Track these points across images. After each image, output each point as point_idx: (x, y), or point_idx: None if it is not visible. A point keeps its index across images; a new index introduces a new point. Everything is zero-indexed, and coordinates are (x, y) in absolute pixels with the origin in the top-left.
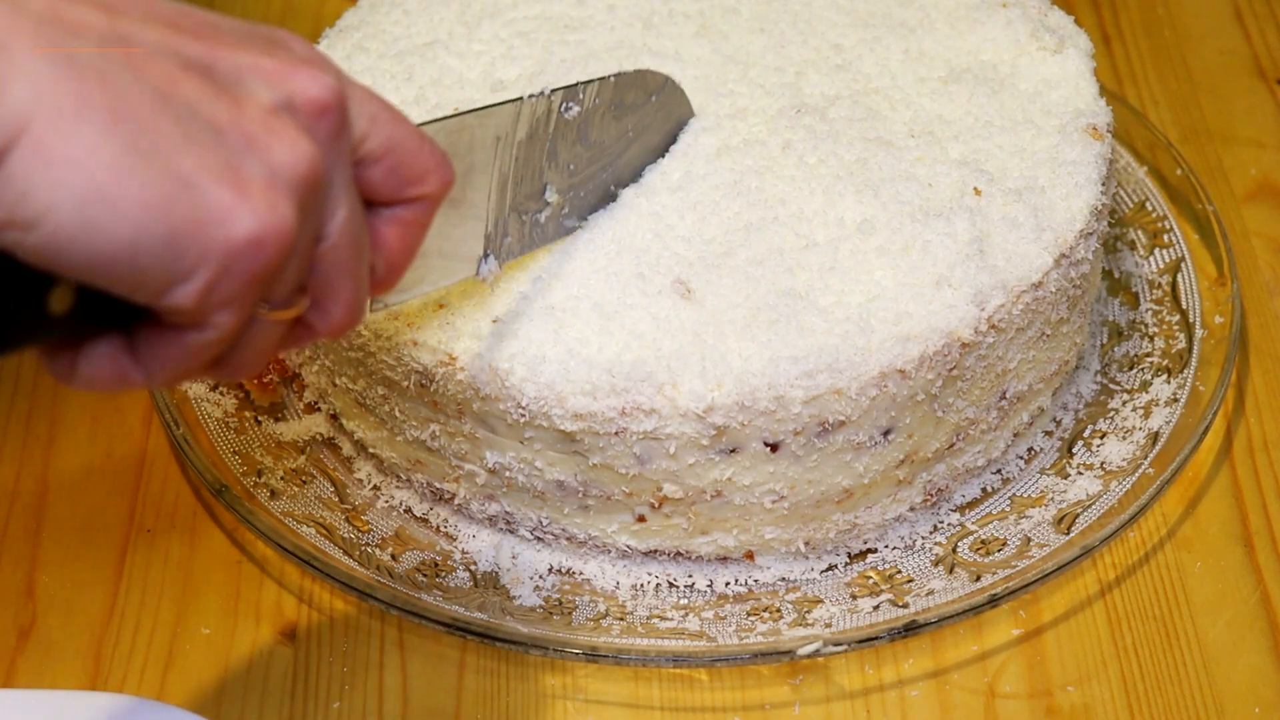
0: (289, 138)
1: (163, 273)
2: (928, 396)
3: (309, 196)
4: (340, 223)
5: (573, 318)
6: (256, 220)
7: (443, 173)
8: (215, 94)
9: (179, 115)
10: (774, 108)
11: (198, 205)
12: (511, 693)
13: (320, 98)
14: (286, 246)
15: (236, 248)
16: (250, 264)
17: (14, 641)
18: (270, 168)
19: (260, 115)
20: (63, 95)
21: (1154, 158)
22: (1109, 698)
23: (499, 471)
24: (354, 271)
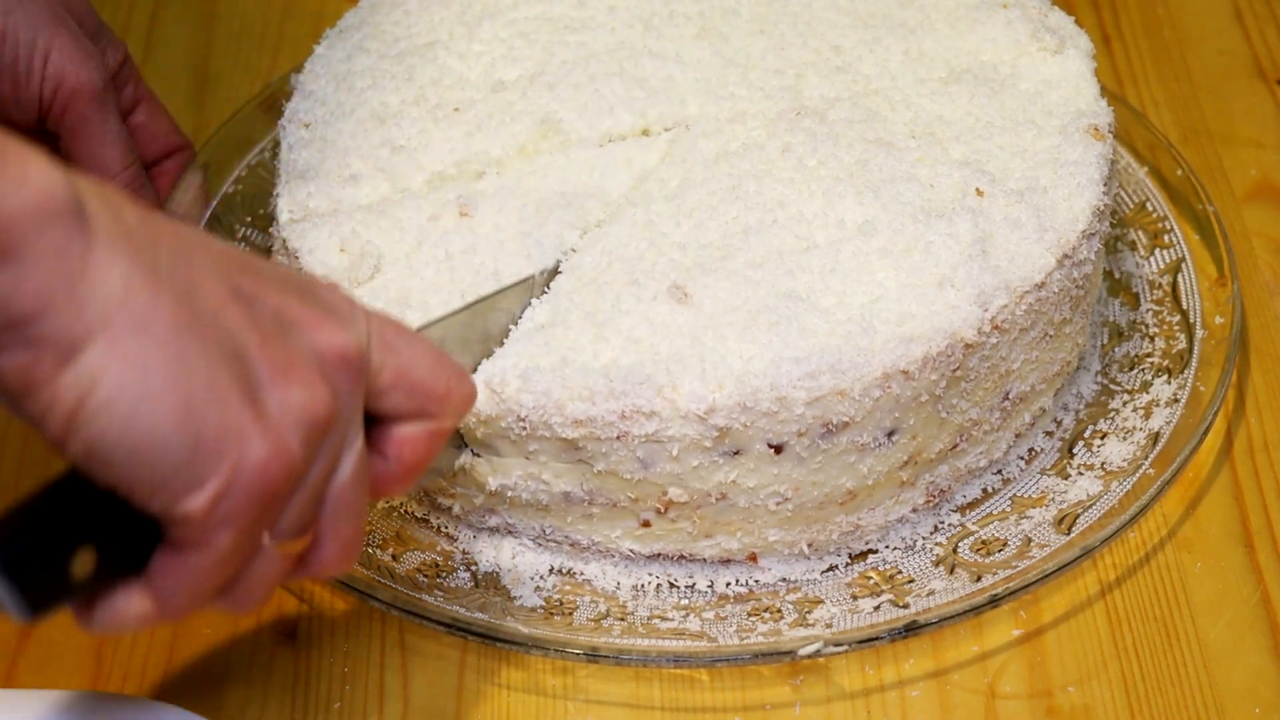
0: (308, 381)
1: (182, 476)
2: (931, 397)
3: (318, 437)
4: (347, 468)
5: (563, 329)
6: (266, 446)
7: (461, 391)
8: (252, 325)
9: (222, 336)
10: (773, 110)
11: (224, 419)
12: (511, 693)
13: (343, 350)
14: (290, 477)
15: (246, 467)
16: (254, 485)
17: (14, 641)
18: (286, 404)
19: (286, 355)
20: (142, 299)
21: (1154, 158)
22: (1109, 698)
23: (500, 493)
24: (354, 510)
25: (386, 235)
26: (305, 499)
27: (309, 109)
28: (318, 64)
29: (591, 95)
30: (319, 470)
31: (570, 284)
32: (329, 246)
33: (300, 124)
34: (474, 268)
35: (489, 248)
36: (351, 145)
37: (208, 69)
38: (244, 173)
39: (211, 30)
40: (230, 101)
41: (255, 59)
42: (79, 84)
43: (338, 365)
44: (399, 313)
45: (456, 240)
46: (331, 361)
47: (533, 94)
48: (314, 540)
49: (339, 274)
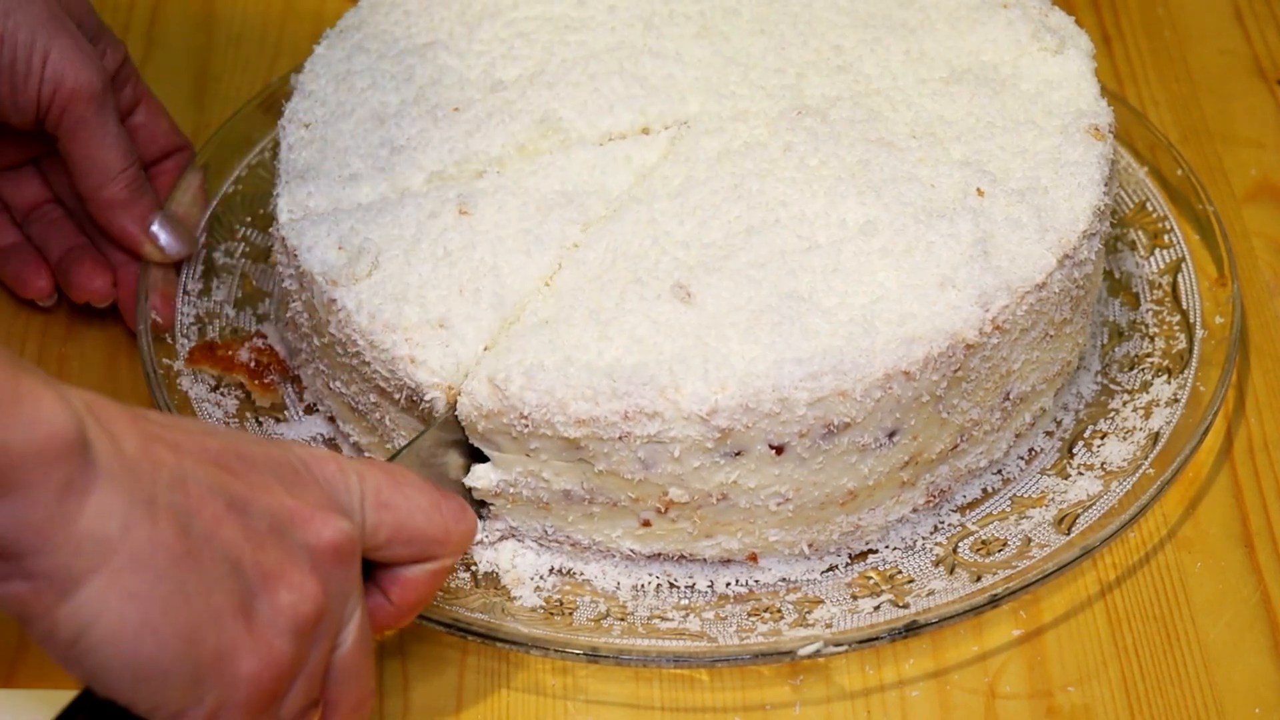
0: (296, 582)
1: (181, 697)
2: (932, 398)
3: (308, 632)
4: (346, 642)
5: (567, 326)
6: (257, 658)
7: (460, 529)
8: (246, 536)
9: (218, 555)
10: (775, 109)
11: (219, 640)
12: (512, 693)
13: (333, 542)
14: (282, 678)
15: (239, 680)
16: (248, 693)
17: (14, 641)
18: (275, 609)
19: (278, 559)
20: (141, 534)
21: (1154, 158)
22: (1109, 698)
23: (502, 491)
24: (361, 672)
25: (384, 232)
26: (304, 685)
27: (309, 109)
28: (317, 64)
29: (591, 94)
30: (317, 656)
31: (574, 279)
32: (327, 244)
33: (300, 124)
34: (473, 264)
35: (488, 244)
36: (351, 145)
37: (208, 69)
38: (244, 173)
39: (211, 30)
40: (230, 101)
41: (255, 59)
42: (78, 86)
43: (329, 558)
44: (395, 309)
45: (455, 237)
46: (323, 555)
47: (532, 93)
48: (325, 706)
49: (337, 270)
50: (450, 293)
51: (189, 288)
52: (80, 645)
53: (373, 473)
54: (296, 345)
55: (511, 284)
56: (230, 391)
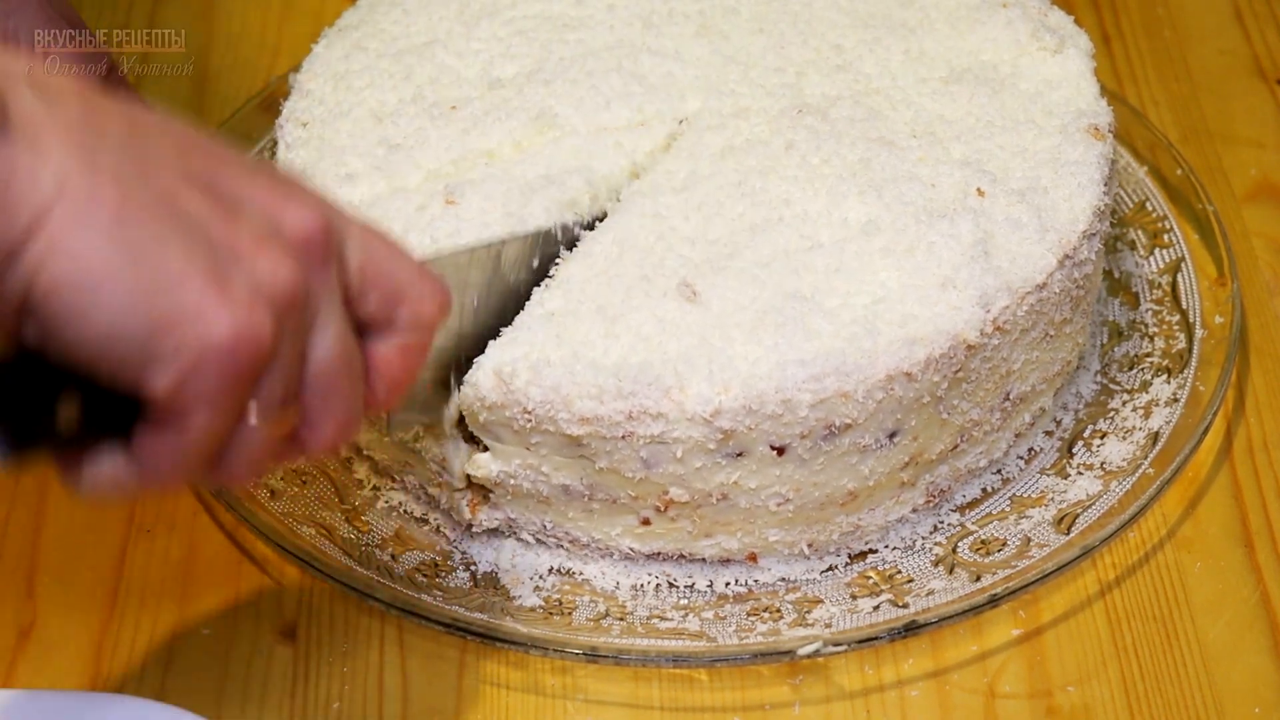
0: (273, 256)
1: (139, 359)
2: (933, 399)
3: (288, 312)
4: (327, 344)
5: (575, 321)
6: (233, 323)
7: (438, 299)
8: (211, 207)
9: (177, 221)
10: (775, 108)
11: (179, 303)
12: (511, 693)
13: (307, 227)
14: (262, 353)
15: (212, 346)
16: (224, 364)
17: (14, 641)
18: (253, 279)
19: (250, 233)
20: (79, 191)
21: (1154, 158)
22: (1109, 698)
23: (502, 481)
24: (344, 392)
25: None
26: (281, 374)
27: (307, 108)
28: (316, 63)
29: (589, 90)
30: (294, 348)
31: (582, 273)
32: None
33: (298, 123)
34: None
35: (472, 230)
36: (349, 144)
37: (207, 69)
38: None
39: (211, 30)
40: (230, 101)
41: (254, 59)
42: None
43: (304, 243)
44: None
45: (441, 226)
46: (297, 239)
47: (529, 91)
48: (305, 420)
49: None
50: None
51: None
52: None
53: (358, 218)
54: None
55: None
56: None
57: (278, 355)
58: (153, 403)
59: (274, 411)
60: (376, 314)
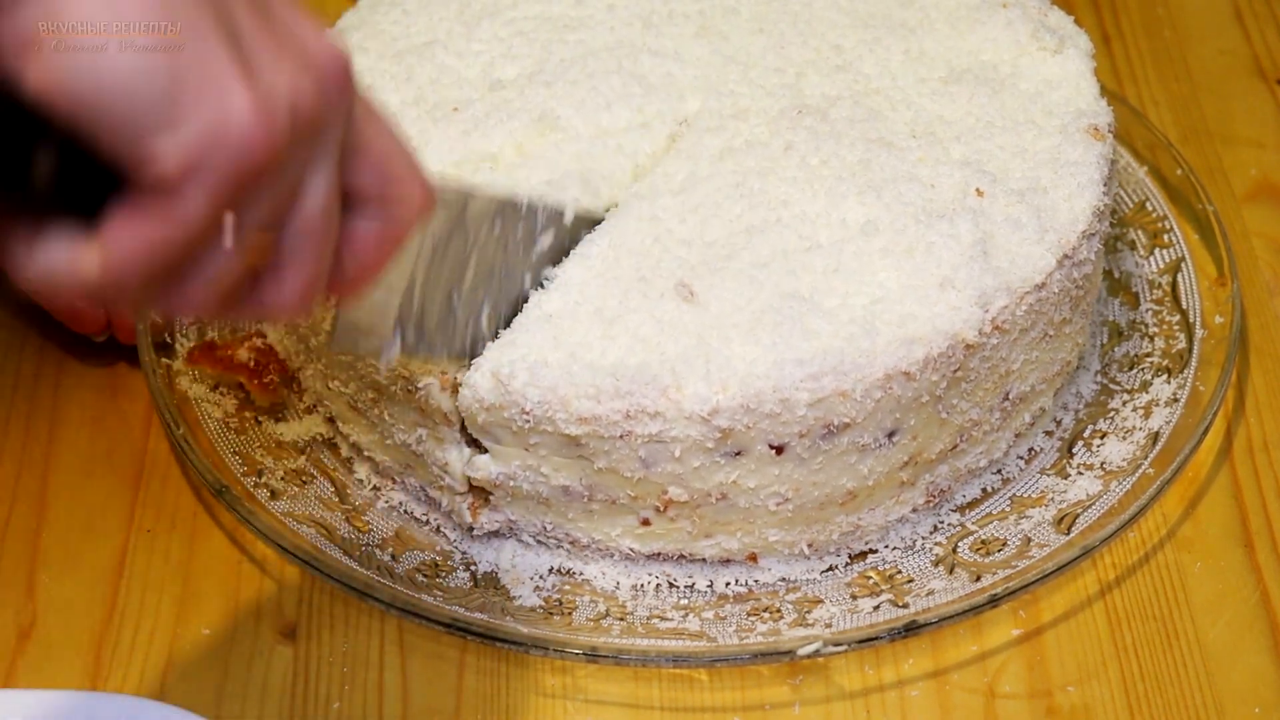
0: (298, 67)
1: (150, 122)
2: (932, 398)
3: (302, 130)
4: (319, 191)
5: (572, 323)
6: (255, 114)
7: (424, 194)
8: (248, 7)
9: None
10: (775, 108)
11: (208, 77)
12: (511, 693)
13: (334, 59)
14: (273, 157)
15: (230, 126)
16: (236, 150)
17: (14, 641)
18: (279, 78)
19: (281, 37)
20: None
21: (1154, 158)
22: (1109, 698)
23: (501, 483)
24: (317, 249)
25: None
26: (272, 197)
27: None
28: None
29: (589, 92)
30: (296, 170)
31: (580, 274)
32: None
33: None
34: None
35: None
36: None
37: None
38: None
39: None
40: None
41: None
42: None
43: (329, 69)
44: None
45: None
46: (321, 64)
47: (530, 92)
48: (273, 264)
49: None
50: None
51: None
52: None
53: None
54: (294, 346)
55: None
56: (230, 391)
57: (278, 174)
58: (148, 176)
59: (251, 234)
60: (365, 188)
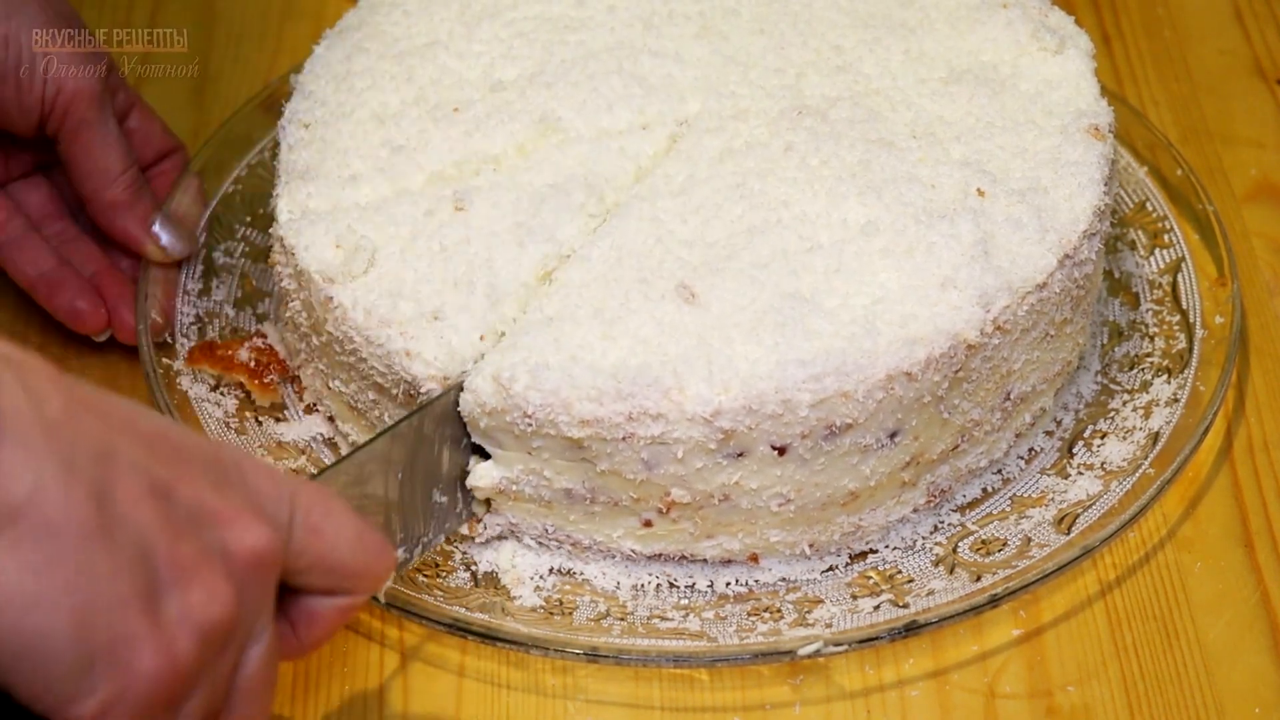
0: (210, 584)
1: (72, 684)
2: (933, 398)
3: (216, 640)
4: (257, 659)
5: (573, 325)
6: (158, 656)
7: (380, 567)
8: (164, 524)
9: (130, 539)
10: (775, 109)
11: (119, 628)
12: (511, 693)
13: (254, 550)
14: (181, 683)
15: (135, 675)
16: (143, 693)
17: None
18: (184, 608)
19: (193, 555)
20: (53, 501)
21: (1154, 158)
22: (1109, 698)
23: (504, 488)
24: (261, 696)
25: (381, 231)
26: (205, 696)
27: (308, 109)
28: (317, 64)
29: (590, 93)
30: (222, 668)
31: (580, 276)
32: (324, 242)
33: (300, 124)
34: (467, 258)
35: (482, 239)
36: (351, 145)
37: (208, 69)
38: (244, 173)
39: (211, 30)
40: (230, 101)
41: (255, 59)
42: (80, 87)
43: (248, 566)
44: (390, 304)
45: (450, 233)
46: (242, 562)
47: (531, 93)
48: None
49: (333, 269)
50: (445, 286)
51: (189, 288)
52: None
53: (305, 492)
54: (296, 345)
55: (505, 275)
56: (230, 391)
57: (199, 682)
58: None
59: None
60: (316, 587)
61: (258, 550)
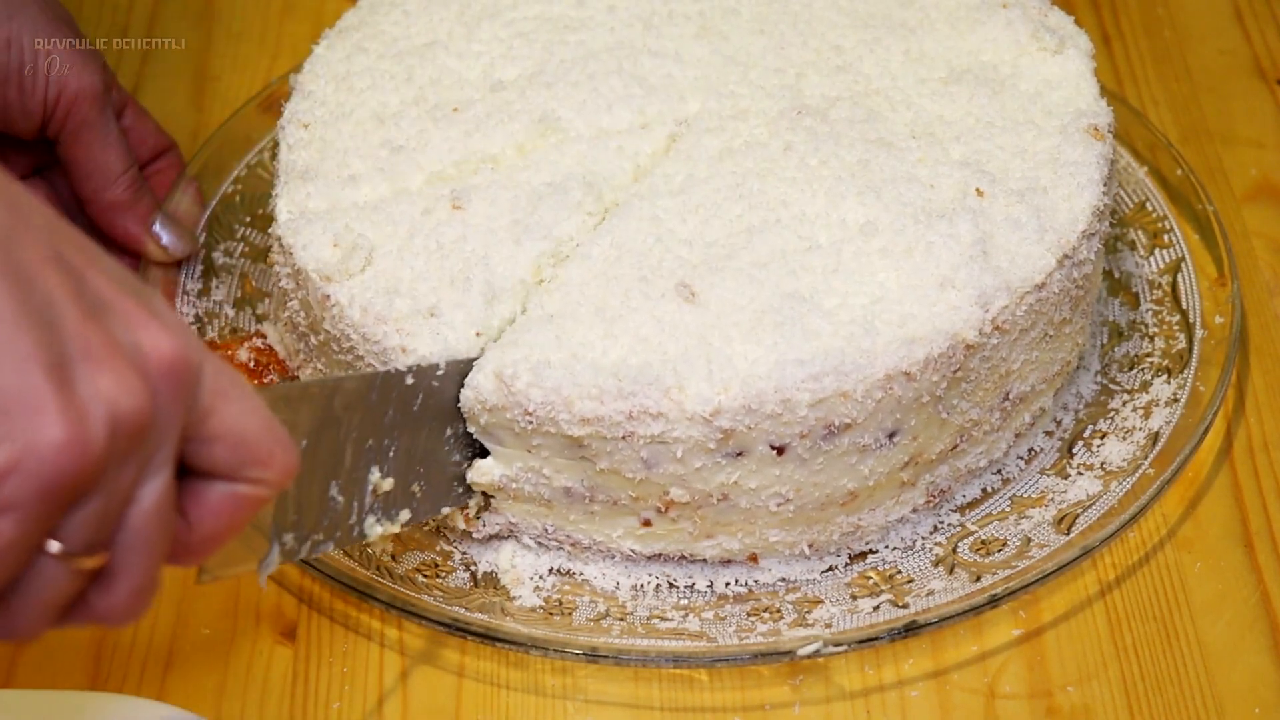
0: (123, 375)
1: None
2: (932, 398)
3: (125, 439)
4: (154, 495)
5: (574, 323)
6: (66, 428)
7: (284, 462)
8: (73, 298)
9: (33, 299)
10: (775, 109)
11: (19, 384)
12: (511, 693)
13: (170, 355)
14: (87, 472)
15: (39, 445)
16: (46, 469)
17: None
18: (97, 390)
19: (105, 340)
20: None
21: (1154, 158)
22: (1109, 698)
23: (504, 486)
24: (148, 557)
25: (379, 229)
26: (101, 508)
27: (308, 109)
28: (317, 64)
29: (590, 93)
30: (124, 479)
31: (580, 275)
32: (322, 241)
33: (299, 124)
34: (464, 256)
35: (479, 236)
36: (351, 146)
37: (207, 69)
38: (243, 173)
39: (211, 30)
40: (230, 101)
41: (255, 59)
42: (81, 87)
43: (162, 370)
44: (387, 302)
45: (448, 231)
46: (156, 364)
47: (531, 93)
48: (105, 573)
49: (331, 267)
50: (441, 284)
51: (188, 288)
52: None
53: (216, 359)
54: (295, 344)
55: (501, 272)
56: None
57: (101, 486)
58: None
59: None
60: (219, 465)
61: (174, 356)
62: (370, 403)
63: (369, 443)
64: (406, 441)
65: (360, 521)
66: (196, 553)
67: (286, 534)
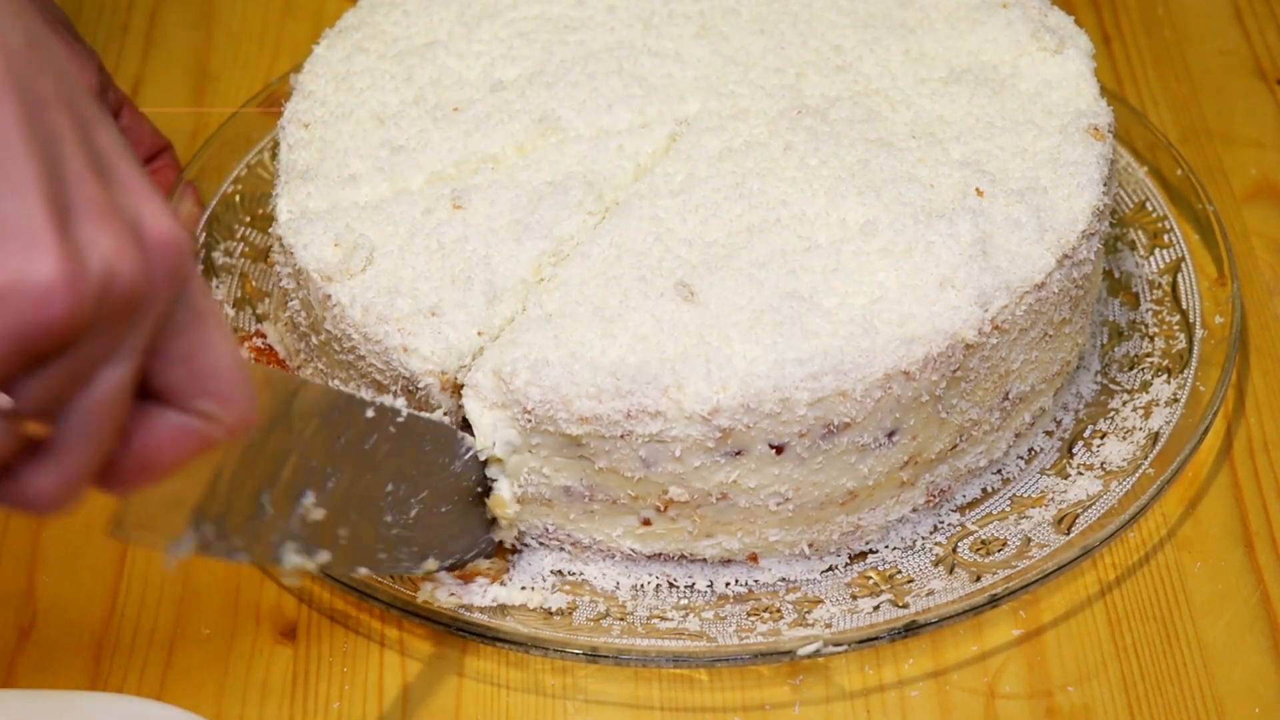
0: (124, 240)
1: None
2: (932, 398)
3: (111, 307)
4: (110, 381)
5: (573, 323)
6: (60, 269)
7: (241, 406)
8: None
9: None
10: (775, 109)
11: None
12: (511, 693)
13: (168, 236)
14: (69, 323)
15: (28, 280)
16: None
17: (14, 641)
18: (96, 246)
19: (109, 200)
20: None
21: (1154, 158)
22: (1109, 698)
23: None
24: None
25: (380, 229)
26: (65, 373)
27: (308, 109)
28: (317, 64)
29: (590, 93)
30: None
31: (580, 274)
32: (323, 241)
33: (300, 124)
34: (465, 255)
35: (480, 236)
36: (351, 145)
37: (208, 69)
38: (244, 173)
39: (211, 30)
40: (230, 101)
41: (255, 59)
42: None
43: (159, 249)
44: (388, 301)
45: (449, 231)
46: (155, 240)
47: (531, 93)
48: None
49: (331, 267)
50: (442, 283)
51: None
52: None
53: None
54: (295, 345)
55: (502, 271)
56: None
57: (72, 350)
58: None
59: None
60: (177, 387)
61: (173, 239)
62: (329, 420)
63: (313, 462)
64: (348, 479)
65: (280, 543)
66: (127, 478)
67: (207, 524)
